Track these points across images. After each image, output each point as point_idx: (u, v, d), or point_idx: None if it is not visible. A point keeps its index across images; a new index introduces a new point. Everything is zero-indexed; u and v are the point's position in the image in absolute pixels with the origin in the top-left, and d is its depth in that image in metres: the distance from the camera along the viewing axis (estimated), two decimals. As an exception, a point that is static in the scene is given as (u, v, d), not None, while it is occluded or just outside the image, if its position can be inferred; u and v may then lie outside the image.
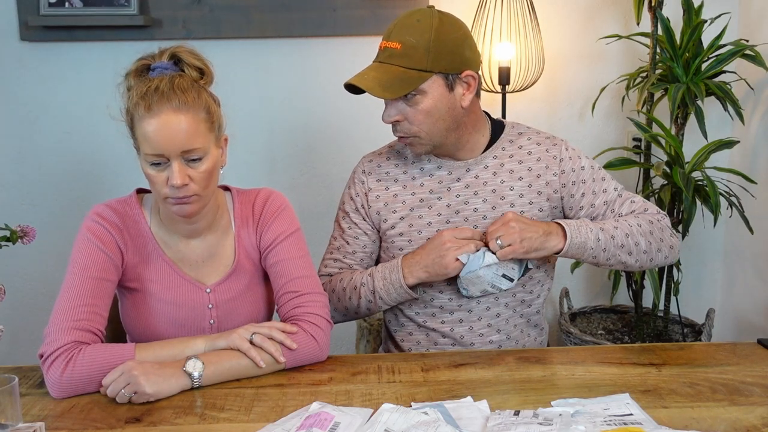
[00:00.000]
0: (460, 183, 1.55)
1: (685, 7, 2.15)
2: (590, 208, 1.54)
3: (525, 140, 1.57)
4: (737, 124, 2.30)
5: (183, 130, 1.25)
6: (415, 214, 1.55)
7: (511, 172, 1.54)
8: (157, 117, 1.25)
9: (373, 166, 1.61)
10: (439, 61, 1.41)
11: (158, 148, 1.25)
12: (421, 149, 1.50)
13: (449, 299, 1.55)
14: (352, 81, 1.42)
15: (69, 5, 2.33)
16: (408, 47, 1.40)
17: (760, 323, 2.34)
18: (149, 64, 1.32)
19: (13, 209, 2.48)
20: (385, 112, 1.47)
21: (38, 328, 1.33)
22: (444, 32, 1.42)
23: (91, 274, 1.32)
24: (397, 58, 1.41)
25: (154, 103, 1.25)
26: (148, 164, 1.28)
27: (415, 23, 1.41)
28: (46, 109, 2.46)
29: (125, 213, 1.40)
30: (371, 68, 1.44)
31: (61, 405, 1.23)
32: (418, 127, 1.45)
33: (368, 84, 1.41)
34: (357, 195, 1.60)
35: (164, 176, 1.28)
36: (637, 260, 1.50)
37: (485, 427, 1.10)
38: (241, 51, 2.42)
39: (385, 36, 1.45)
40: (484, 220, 1.53)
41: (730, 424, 1.12)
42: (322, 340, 1.36)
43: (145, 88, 1.27)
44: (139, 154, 1.31)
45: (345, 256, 1.61)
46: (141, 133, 1.27)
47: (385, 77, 1.41)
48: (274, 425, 1.13)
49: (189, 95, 1.27)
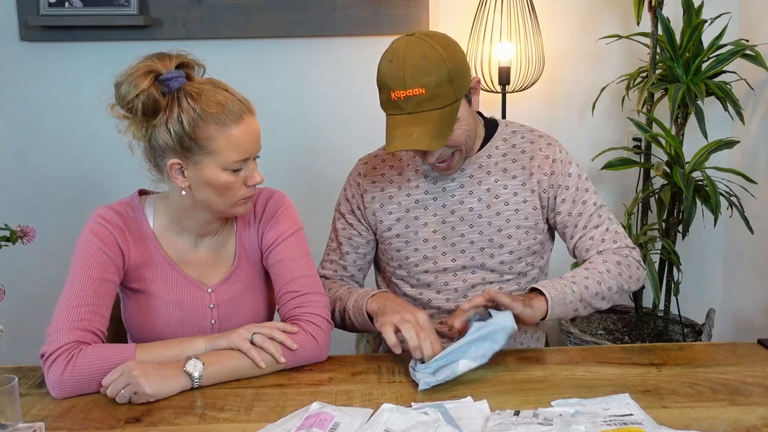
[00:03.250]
0: (455, 183, 1.55)
1: (685, 7, 2.15)
2: (567, 216, 1.55)
3: (519, 138, 1.58)
4: (737, 124, 2.30)
5: (258, 132, 1.34)
6: (411, 216, 1.56)
7: (504, 171, 1.55)
8: (243, 123, 1.29)
9: (369, 168, 1.61)
10: (461, 85, 1.39)
11: (247, 152, 1.30)
12: (459, 166, 1.51)
13: (446, 299, 1.55)
14: (402, 147, 1.36)
15: (69, 5, 2.33)
16: (433, 88, 1.34)
17: (760, 323, 2.34)
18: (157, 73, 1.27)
19: (13, 209, 2.48)
20: (430, 157, 1.44)
21: (38, 328, 1.33)
22: (453, 57, 1.37)
23: (93, 275, 1.32)
24: (428, 103, 1.35)
25: (237, 111, 1.28)
26: (228, 172, 1.29)
27: (423, 61, 1.34)
28: (46, 109, 2.46)
29: (127, 215, 1.40)
30: (407, 123, 1.37)
31: (61, 405, 1.23)
32: (458, 149, 1.46)
33: (421, 143, 1.36)
34: (353, 196, 1.61)
35: (240, 180, 1.32)
36: (609, 302, 1.50)
37: (485, 427, 1.10)
38: (241, 51, 2.42)
39: (397, 85, 1.35)
40: (479, 219, 1.53)
41: (730, 424, 1.12)
42: (322, 340, 1.36)
43: (212, 102, 1.26)
44: (197, 168, 1.29)
45: (340, 257, 1.62)
46: (225, 143, 1.27)
47: (430, 127, 1.36)
48: (274, 425, 1.13)
49: (241, 96, 1.33)
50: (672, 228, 2.27)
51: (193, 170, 1.30)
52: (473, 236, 1.54)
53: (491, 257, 1.54)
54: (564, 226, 1.56)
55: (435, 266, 1.55)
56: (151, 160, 1.35)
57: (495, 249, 1.53)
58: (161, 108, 1.27)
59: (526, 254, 1.55)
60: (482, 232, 1.53)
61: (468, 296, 1.54)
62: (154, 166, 1.36)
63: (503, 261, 1.54)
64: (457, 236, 1.54)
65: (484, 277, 1.54)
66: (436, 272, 1.55)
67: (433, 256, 1.55)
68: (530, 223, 1.54)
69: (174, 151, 1.28)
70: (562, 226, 1.56)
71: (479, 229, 1.53)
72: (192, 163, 1.29)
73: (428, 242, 1.55)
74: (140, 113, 1.27)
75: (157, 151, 1.31)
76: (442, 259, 1.55)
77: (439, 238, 1.54)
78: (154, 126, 1.28)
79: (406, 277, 1.58)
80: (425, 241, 1.54)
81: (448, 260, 1.54)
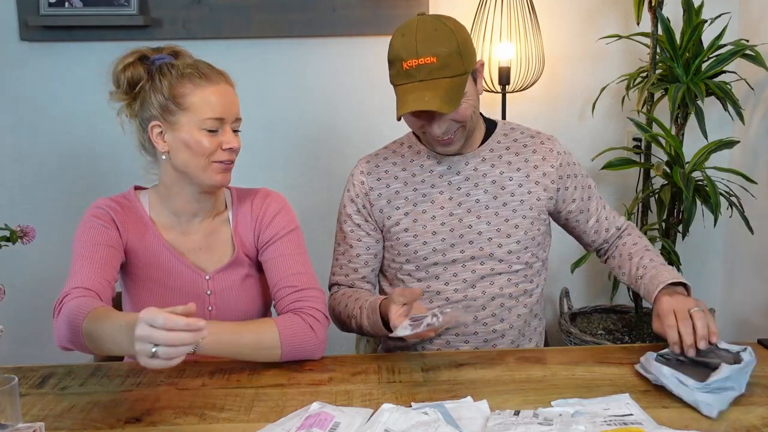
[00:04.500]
0: (460, 176, 1.57)
1: (685, 7, 2.15)
2: (580, 201, 1.62)
3: (518, 134, 1.63)
4: (737, 124, 2.30)
5: (236, 100, 1.40)
6: (419, 209, 1.57)
7: (509, 164, 1.58)
8: (216, 85, 1.37)
9: (372, 167, 1.62)
10: (470, 60, 1.45)
11: (220, 112, 1.36)
12: (459, 145, 1.53)
13: (454, 290, 1.56)
14: (414, 107, 1.39)
15: (69, 5, 2.33)
16: (444, 57, 1.40)
17: (760, 323, 2.34)
18: (145, 56, 1.40)
19: (13, 209, 2.48)
20: (435, 126, 1.46)
21: (38, 328, 1.33)
22: (462, 33, 1.45)
23: (95, 243, 1.37)
24: (439, 71, 1.40)
25: (212, 74, 1.37)
26: (204, 131, 1.35)
27: (434, 33, 1.41)
28: (46, 109, 2.46)
29: (125, 204, 1.45)
30: (419, 89, 1.41)
31: (61, 405, 1.23)
32: (464, 124, 1.49)
33: (432, 104, 1.39)
34: (357, 196, 1.61)
35: (217, 142, 1.37)
36: None
37: (485, 427, 1.10)
38: (241, 51, 2.42)
39: (409, 55, 1.41)
40: (486, 210, 1.56)
41: (730, 424, 1.12)
42: (320, 333, 1.37)
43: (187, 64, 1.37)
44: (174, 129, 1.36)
45: (350, 261, 1.62)
46: (199, 99, 1.35)
47: (440, 93, 1.40)
48: (274, 425, 1.13)
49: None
50: (672, 228, 2.27)
51: (172, 133, 1.37)
52: (481, 227, 1.55)
53: (499, 247, 1.55)
54: (579, 212, 1.63)
55: (444, 258, 1.56)
56: (141, 140, 1.43)
57: (503, 239, 1.55)
58: (144, 80, 1.39)
59: (531, 244, 1.57)
60: (490, 223, 1.55)
61: (476, 287, 1.55)
62: (143, 148, 1.44)
63: (511, 251, 1.55)
64: (465, 228, 1.55)
65: (493, 267, 1.55)
66: (445, 264, 1.56)
67: (442, 248, 1.55)
68: (534, 213, 1.57)
69: (155, 116, 1.37)
70: (577, 212, 1.63)
71: (487, 220, 1.55)
72: (170, 125, 1.36)
73: (437, 235, 1.55)
74: (125, 86, 1.39)
75: (143, 123, 1.40)
76: (450, 250, 1.55)
77: (447, 231, 1.55)
78: (139, 97, 1.39)
79: (414, 271, 1.58)
80: (434, 233, 1.55)
81: (457, 252, 1.55)
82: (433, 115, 1.44)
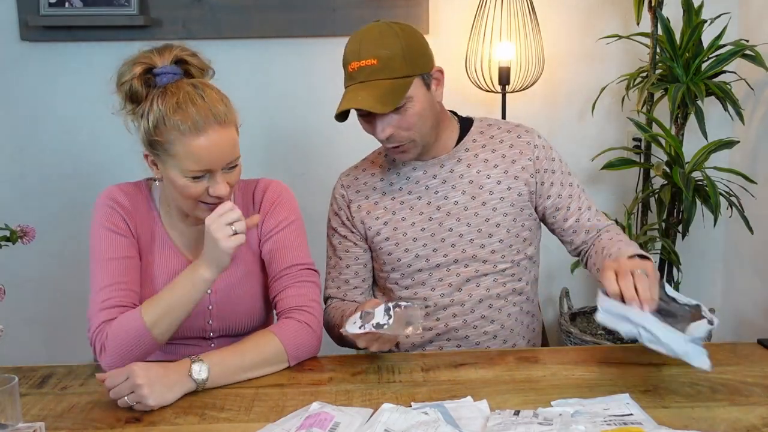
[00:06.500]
0: (436, 179, 1.57)
1: (685, 7, 2.15)
2: (557, 198, 1.59)
3: (495, 130, 1.61)
4: (737, 124, 2.30)
5: (229, 145, 1.29)
6: (398, 217, 1.57)
7: (485, 162, 1.57)
8: (205, 135, 1.25)
9: (351, 180, 1.63)
10: (416, 63, 1.44)
11: (207, 165, 1.27)
12: (414, 153, 1.52)
13: (441, 295, 1.55)
14: (345, 106, 1.41)
15: (69, 5, 2.33)
16: (385, 59, 1.40)
17: (760, 323, 2.34)
18: (151, 66, 1.30)
19: (13, 209, 2.47)
20: (378, 129, 1.45)
21: (39, 327, 1.33)
22: (409, 36, 1.45)
23: (111, 256, 1.37)
24: (378, 72, 1.41)
25: (201, 121, 1.25)
26: (188, 178, 1.29)
27: (379, 36, 1.42)
28: (46, 109, 2.46)
29: (136, 196, 1.45)
30: (356, 89, 1.42)
31: (61, 405, 1.23)
32: (412, 132, 1.47)
33: (365, 103, 1.40)
34: (340, 209, 1.62)
35: (202, 187, 1.30)
36: None
37: (485, 427, 1.10)
38: (241, 51, 2.42)
39: (352, 58, 1.43)
40: (465, 212, 1.55)
41: (730, 424, 1.12)
42: (317, 328, 1.39)
43: (175, 102, 1.25)
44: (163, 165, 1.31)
45: (341, 273, 1.63)
46: (183, 150, 1.26)
47: (377, 92, 1.40)
48: (274, 425, 1.13)
49: (221, 106, 1.28)
50: (672, 228, 2.27)
51: (161, 166, 1.33)
52: (461, 229, 1.55)
53: (482, 248, 1.54)
54: (556, 209, 1.59)
55: (428, 264, 1.55)
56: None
57: (485, 239, 1.54)
58: (142, 100, 1.30)
59: (516, 242, 1.56)
60: (470, 224, 1.54)
61: (462, 290, 1.55)
62: None
63: (494, 250, 1.55)
64: (445, 231, 1.55)
65: (477, 269, 1.55)
66: (430, 269, 1.56)
67: (425, 254, 1.55)
68: (516, 209, 1.56)
69: (144, 144, 1.32)
70: (553, 209, 1.59)
71: (467, 221, 1.54)
72: (159, 159, 1.32)
73: (418, 241, 1.55)
74: (125, 98, 1.31)
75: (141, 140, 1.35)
76: (433, 255, 1.55)
77: (428, 236, 1.55)
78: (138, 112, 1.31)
79: (400, 279, 1.58)
80: (415, 240, 1.55)
81: (440, 256, 1.55)
82: (374, 117, 1.44)
